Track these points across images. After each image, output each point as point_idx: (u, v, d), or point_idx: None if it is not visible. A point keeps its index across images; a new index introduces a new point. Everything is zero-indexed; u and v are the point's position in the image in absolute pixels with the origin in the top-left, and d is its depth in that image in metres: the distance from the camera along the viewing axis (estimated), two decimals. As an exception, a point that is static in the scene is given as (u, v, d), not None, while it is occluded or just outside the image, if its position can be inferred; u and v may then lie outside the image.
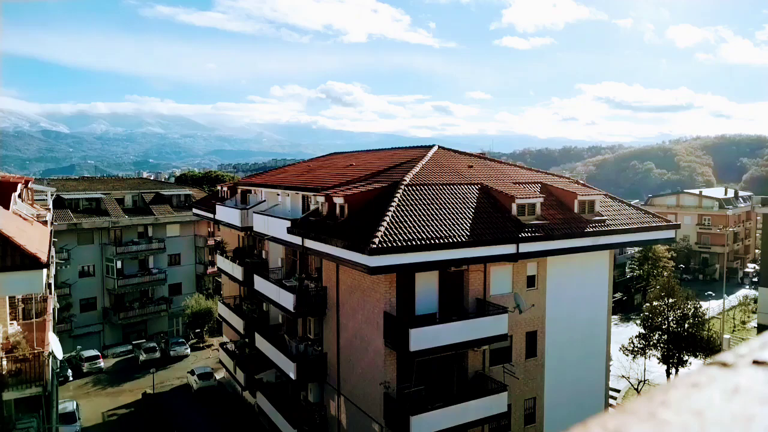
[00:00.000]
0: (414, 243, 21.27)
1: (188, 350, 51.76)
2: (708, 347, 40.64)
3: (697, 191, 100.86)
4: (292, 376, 27.92)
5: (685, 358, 41.19)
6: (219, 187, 46.91)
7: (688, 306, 41.89)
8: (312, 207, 28.53)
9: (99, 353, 49.02)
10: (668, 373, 42.22)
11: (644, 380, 41.19)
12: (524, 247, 24.08)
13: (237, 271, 36.93)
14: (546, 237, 24.72)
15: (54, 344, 21.07)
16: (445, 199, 24.87)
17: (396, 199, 23.56)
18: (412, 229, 21.92)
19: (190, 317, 53.67)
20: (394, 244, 20.84)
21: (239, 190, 41.39)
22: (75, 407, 36.23)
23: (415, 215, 22.94)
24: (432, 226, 22.56)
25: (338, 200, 25.05)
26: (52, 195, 46.93)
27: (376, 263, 20.61)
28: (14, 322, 21.78)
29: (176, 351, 50.70)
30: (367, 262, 20.69)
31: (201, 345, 54.62)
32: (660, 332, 42.03)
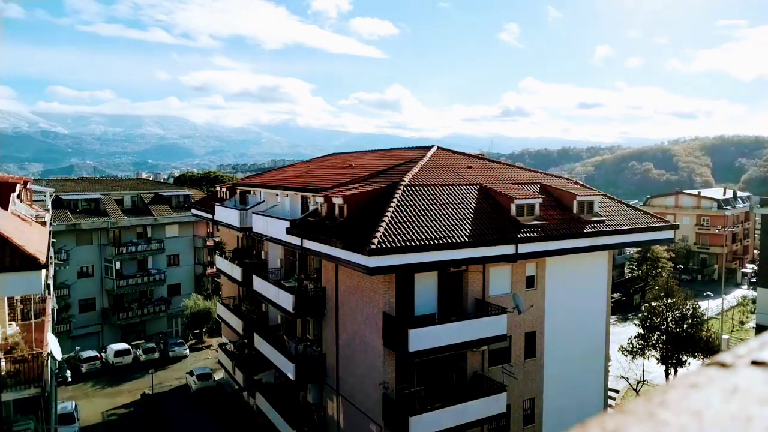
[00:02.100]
0: (413, 243, 21.27)
1: (187, 351, 51.74)
2: (707, 348, 40.65)
3: (695, 192, 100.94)
4: (291, 376, 27.92)
5: (684, 358, 41.20)
6: (218, 188, 46.89)
7: (687, 306, 41.90)
8: (311, 207, 28.52)
9: (98, 353, 49.05)
10: (667, 374, 42.25)
11: (643, 381, 41.20)
12: (523, 248, 24.09)
13: (236, 271, 36.91)
14: (545, 237, 24.73)
15: (53, 345, 21.04)
16: (444, 199, 24.88)
17: (395, 200, 23.56)
18: (411, 230, 21.93)
19: (189, 318, 53.62)
20: (394, 244, 20.84)
21: (238, 191, 41.39)
22: (74, 408, 36.20)
23: (415, 216, 22.95)
24: (431, 226, 22.57)
25: (337, 201, 25.05)
26: (50, 195, 46.92)
27: (375, 264, 20.61)
28: (13, 322, 21.75)
29: (175, 351, 50.67)
30: (366, 262, 20.68)
31: (200, 346, 54.57)
32: (659, 333, 42.05)
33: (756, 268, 72.27)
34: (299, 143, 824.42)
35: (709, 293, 69.77)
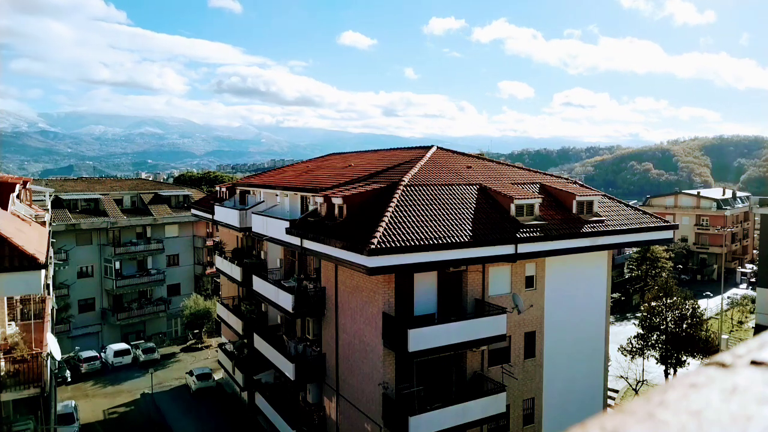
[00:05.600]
0: (413, 243, 21.26)
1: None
2: (706, 348, 40.65)
3: (695, 192, 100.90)
4: (291, 376, 27.91)
5: (684, 358, 41.20)
6: (218, 188, 46.82)
7: (686, 306, 41.91)
8: (311, 207, 28.51)
9: (98, 353, 49.01)
10: (666, 374, 42.26)
11: (642, 381, 41.21)
12: (523, 248, 24.09)
13: (235, 271, 36.89)
14: (544, 237, 24.73)
15: (52, 345, 21.03)
16: (443, 199, 24.87)
17: (395, 200, 23.56)
18: (410, 230, 21.92)
19: (188, 318, 53.60)
20: (393, 244, 20.83)
21: (238, 191, 41.36)
22: (73, 408, 36.18)
23: (414, 216, 22.94)
24: (431, 226, 22.56)
25: (337, 201, 25.04)
26: (50, 195, 46.91)
27: (375, 264, 20.61)
28: (12, 322, 21.72)
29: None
30: (365, 262, 20.68)
31: (200, 346, 54.55)
32: (658, 333, 42.05)
33: (755, 268, 72.35)
34: (299, 143, 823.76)
35: (708, 293, 69.79)
